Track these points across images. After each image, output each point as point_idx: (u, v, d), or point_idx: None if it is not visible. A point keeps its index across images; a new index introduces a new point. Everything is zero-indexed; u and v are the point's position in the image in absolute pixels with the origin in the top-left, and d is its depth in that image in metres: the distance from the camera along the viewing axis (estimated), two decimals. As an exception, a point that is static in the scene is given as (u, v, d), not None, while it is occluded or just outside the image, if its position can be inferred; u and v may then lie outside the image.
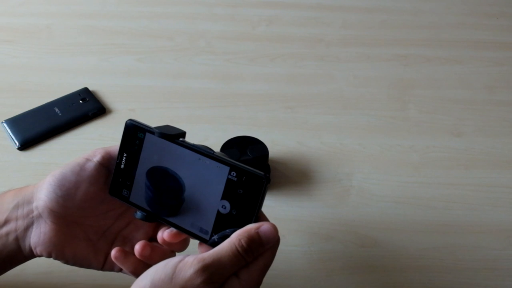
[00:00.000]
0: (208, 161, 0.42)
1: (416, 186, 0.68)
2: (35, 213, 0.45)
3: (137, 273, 0.44)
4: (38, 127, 0.72)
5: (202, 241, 0.43)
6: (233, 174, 0.41)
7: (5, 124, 0.73)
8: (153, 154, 0.45)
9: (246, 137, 0.66)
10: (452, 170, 0.70)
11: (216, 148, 0.65)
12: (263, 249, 0.40)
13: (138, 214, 0.45)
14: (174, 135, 0.43)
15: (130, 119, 0.46)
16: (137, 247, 0.45)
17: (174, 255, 0.47)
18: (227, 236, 0.41)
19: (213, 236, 0.42)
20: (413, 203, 0.66)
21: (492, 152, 0.73)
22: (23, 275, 0.53)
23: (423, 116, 0.77)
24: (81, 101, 0.76)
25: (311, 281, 0.58)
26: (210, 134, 0.73)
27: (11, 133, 0.71)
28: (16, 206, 0.45)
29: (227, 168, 0.42)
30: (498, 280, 0.59)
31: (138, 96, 0.79)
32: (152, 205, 0.45)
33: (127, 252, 0.45)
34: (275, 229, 0.41)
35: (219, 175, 0.42)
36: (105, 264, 0.47)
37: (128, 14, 0.94)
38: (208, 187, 0.43)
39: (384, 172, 0.69)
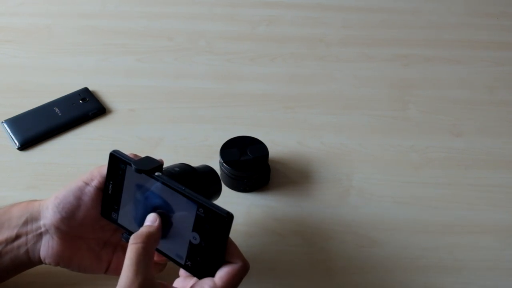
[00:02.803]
0: (179, 196, 0.45)
1: (416, 186, 0.68)
2: (43, 229, 0.50)
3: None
4: (38, 127, 0.72)
5: (178, 264, 0.47)
6: (201, 210, 0.44)
7: (5, 124, 0.73)
8: (134, 183, 0.49)
9: (246, 137, 0.66)
10: (452, 170, 0.70)
11: (216, 148, 0.65)
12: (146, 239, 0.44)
13: (125, 236, 0.49)
14: (149, 170, 0.47)
15: (114, 150, 0.49)
16: None
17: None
18: (199, 263, 0.46)
19: (187, 262, 0.46)
20: (413, 203, 0.66)
21: (492, 152, 0.73)
22: (23, 275, 0.53)
23: (423, 116, 0.77)
24: (81, 101, 0.76)
25: (311, 281, 0.58)
26: (210, 134, 0.73)
27: (11, 133, 0.71)
28: (25, 222, 0.50)
29: (195, 205, 0.44)
30: (498, 280, 0.59)
31: (138, 96, 0.79)
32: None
33: None
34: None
35: (189, 209, 0.45)
36: (108, 270, 0.53)
37: (128, 14, 0.94)
38: (181, 218, 0.46)
39: (384, 172, 0.69)
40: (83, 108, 0.75)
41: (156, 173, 0.47)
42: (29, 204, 0.51)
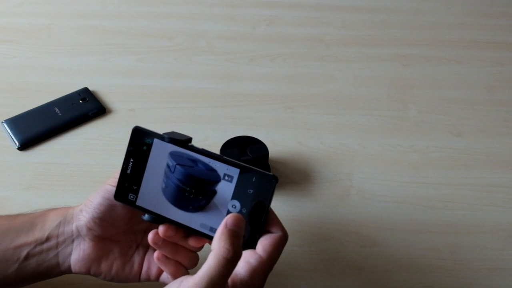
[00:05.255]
0: (218, 164, 0.44)
1: (416, 186, 0.68)
2: (75, 232, 0.49)
3: (176, 275, 0.48)
4: (38, 127, 0.72)
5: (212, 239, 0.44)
6: (244, 175, 0.43)
7: (5, 124, 0.73)
8: (162, 158, 0.46)
9: (246, 137, 0.66)
10: (452, 170, 0.70)
11: (216, 148, 0.65)
12: (240, 239, 0.40)
13: (146, 216, 0.47)
14: (184, 141, 0.45)
15: (137, 126, 0.47)
16: (150, 236, 0.47)
17: (197, 256, 0.50)
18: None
19: None
20: (413, 203, 0.66)
21: (492, 152, 0.73)
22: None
23: (423, 116, 0.77)
24: (81, 101, 0.76)
25: (311, 281, 0.58)
26: (210, 134, 0.73)
27: (11, 133, 0.72)
28: (58, 225, 0.50)
29: (237, 170, 0.43)
30: (498, 280, 0.59)
31: (138, 96, 0.79)
32: (180, 201, 0.46)
33: (168, 257, 0.48)
34: (238, 215, 0.41)
35: (229, 176, 0.44)
36: (141, 275, 0.51)
37: (128, 14, 0.94)
38: (218, 188, 0.44)
39: (384, 172, 0.69)
40: (83, 108, 0.75)
41: (189, 144, 0.46)
42: (64, 209, 0.51)
